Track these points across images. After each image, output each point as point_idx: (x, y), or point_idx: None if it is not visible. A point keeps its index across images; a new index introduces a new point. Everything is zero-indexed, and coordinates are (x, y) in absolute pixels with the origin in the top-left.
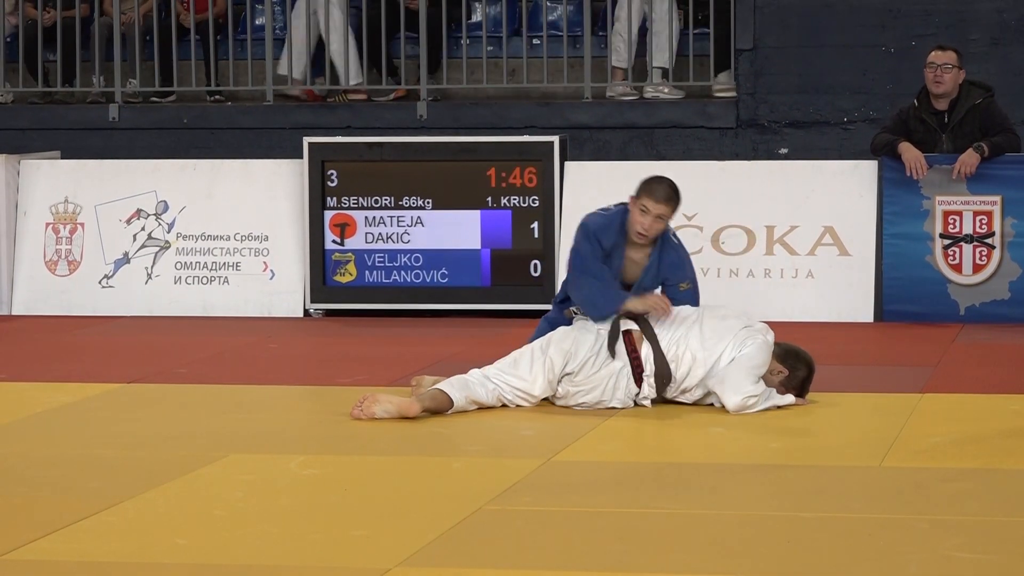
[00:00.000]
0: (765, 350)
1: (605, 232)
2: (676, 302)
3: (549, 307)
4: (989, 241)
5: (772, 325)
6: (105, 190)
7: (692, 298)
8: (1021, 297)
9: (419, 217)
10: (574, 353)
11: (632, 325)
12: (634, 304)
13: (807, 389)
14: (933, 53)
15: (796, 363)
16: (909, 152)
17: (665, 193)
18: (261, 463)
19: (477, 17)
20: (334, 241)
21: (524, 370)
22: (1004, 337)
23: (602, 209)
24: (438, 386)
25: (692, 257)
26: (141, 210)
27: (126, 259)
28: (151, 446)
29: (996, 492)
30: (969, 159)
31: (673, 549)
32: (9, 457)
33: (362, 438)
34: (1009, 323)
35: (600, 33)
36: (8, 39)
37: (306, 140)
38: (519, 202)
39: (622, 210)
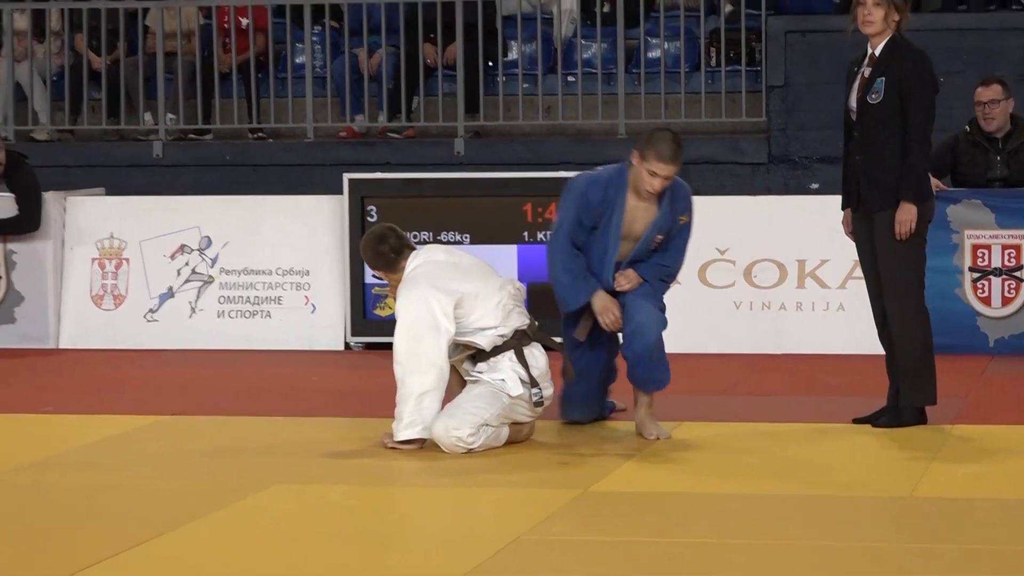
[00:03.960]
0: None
1: (595, 189)
2: (672, 239)
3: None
4: (1018, 274)
5: (804, 358)
6: (149, 226)
7: (686, 232)
8: None
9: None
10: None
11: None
12: (596, 301)
13: None
14: (979, 90)
15: None
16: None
17: (671, 152)
18: (303, 493)
19: (513, 55)
20: (374, 275)
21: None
22: None
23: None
24: None
25: (725, 291)
26: (185, 245)
27: (170, 293)
28: (195, 477)
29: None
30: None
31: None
32: (57, 487)
33: (403, 469)
34: None
35: (634, 71)
36: (54, 78)
37: (346, 176)
38: None
39: (620, 167)
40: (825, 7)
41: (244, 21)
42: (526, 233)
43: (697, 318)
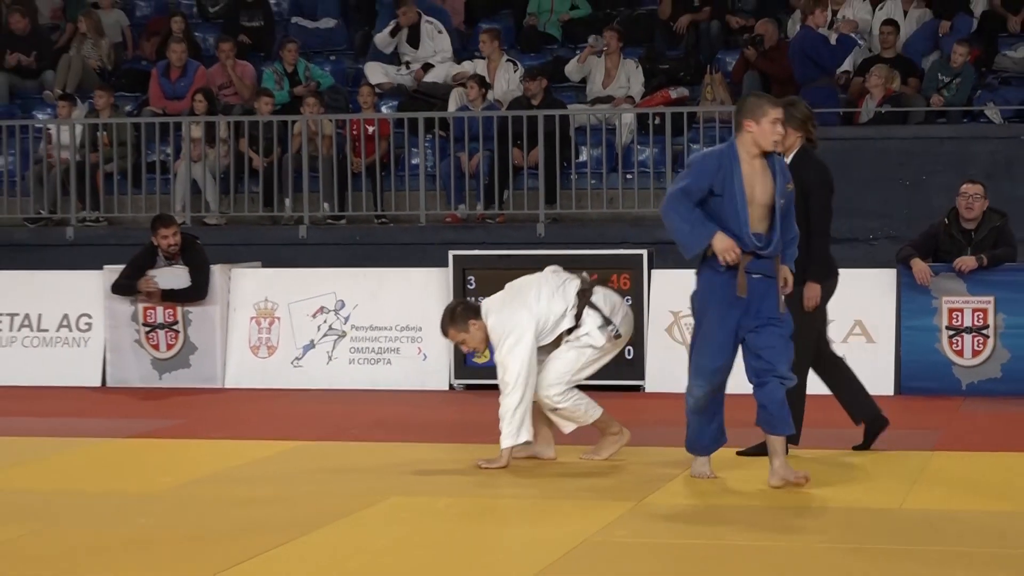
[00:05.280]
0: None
1: (710, 158)
2: (788, 207)
3: (640, 383)
4: (985, 332)
5: (815, 399)
6: (296, 292)
7: (792, 199)
8: (1010, 376)
9: None
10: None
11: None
12: (716, 241)
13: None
14: (965, 185)
15: None
16: (918, 266)
17: (772, 99)
18: (415, 504)
19: (583, 158)
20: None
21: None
22: (998, 407)
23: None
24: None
25: None
26: (324, 307)
27: (312, 345)
28: (329, 490)
29: (998, 530)
30: (968, 262)
31: (736, 572)
32: (219, 498)
33: (495, 484)
34: (1002, 396)
35: (679, 169)
36: (222, 175)
37: (451, 253)
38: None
39: (728, 143)
40: (831, 120)
41: (371, 129)
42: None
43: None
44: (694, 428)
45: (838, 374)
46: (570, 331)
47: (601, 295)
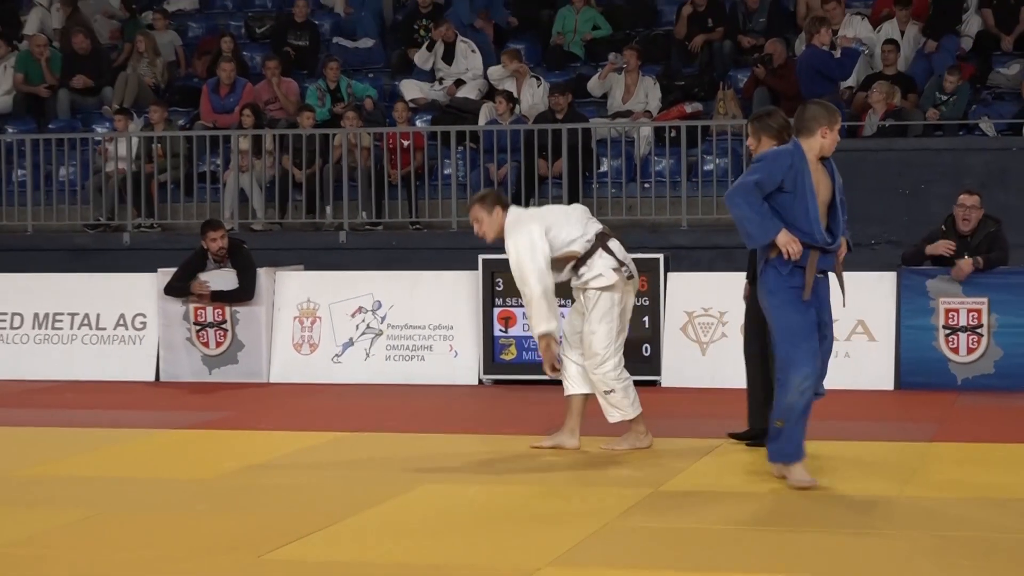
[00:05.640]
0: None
1: (783, 156)
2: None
3: (657, 378)
4: (979, 331)
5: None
6: (336, 293)
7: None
8: (1003, 372)
9: (561, 312)
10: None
11: None
12: (780, 237)
13: None
14: (962, 196)
15: None
16: (938, 246)
17: (834, 111)
18: (447, 490)
19: (604, 168)
20: (500, 330)
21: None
22: (991, 401)
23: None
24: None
25: None
26: (362, 307)
27: (351, 343)
28: (368, 477)
29: (992, 515)
30: (966, 266)
31: (751, 554)
32: (265, 484)
33: (522, 471)
34: (995, 391)
35: (693, 179)
36: (268, 184)
37: (480, 257)
38: (635, 302)
39: (794, 143)
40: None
41: (406, 143)
42: None
43: (739, 362)
44: (796, 432)
45: (762, 376)
46: (580, 273)
47: (616, 243)
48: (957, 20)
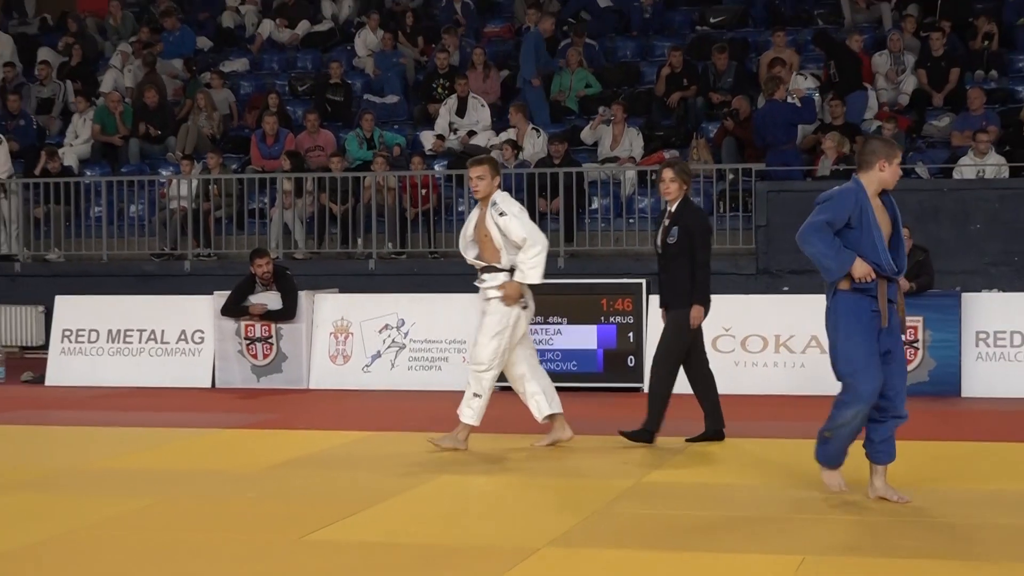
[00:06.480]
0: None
1: (847, 194)
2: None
3: (639, 385)
4: (916, 345)
5: (780, 398)
6: (366, 312)
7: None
8: (936, 380)
9: (559, 328)
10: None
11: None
12: (856, 267)
13: None
14: None
15: None
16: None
17: (893, 145)
18: (460, 482)
19: (595, 206)
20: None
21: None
22: (926, 405)
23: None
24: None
25: (728, 354)
26: (388, 324)
27: (378, 355)
28: (392, 470)
29: (930, 501)
30: (904, 285)
31: (735, 537)
32: (306, 476)
33: (523, 466)
34: (929, 396)
35: None
36: (308, 219)
37: None
38: (621, 320)
39: (855, 181)
40: (796, 175)
41: (423, 191)
42: (603, 317)
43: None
44: (841, 447)
45: (706, 387)
46: (484, 278)
47: None
48: (859, 84)
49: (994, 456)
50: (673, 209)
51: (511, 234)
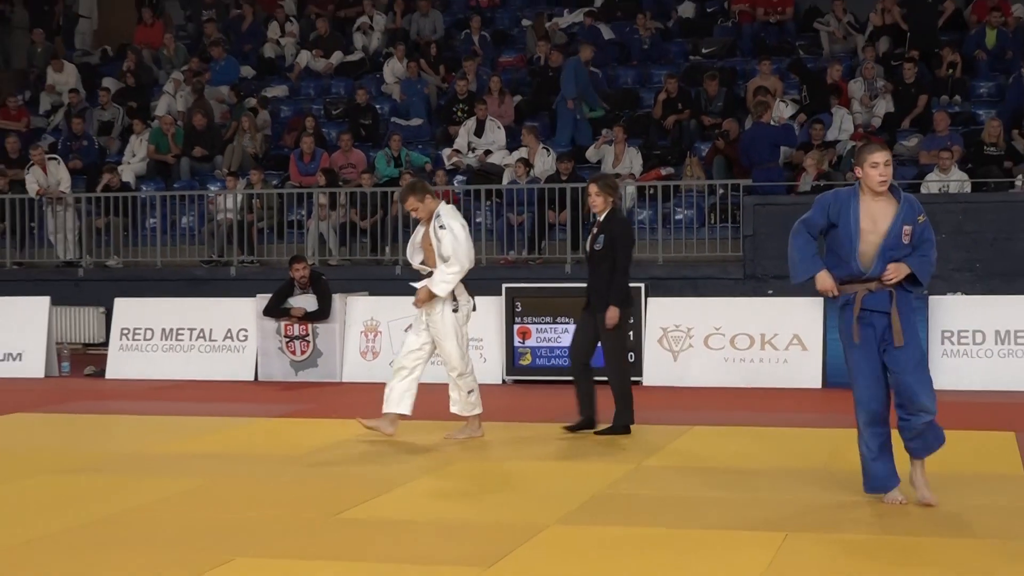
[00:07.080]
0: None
1: (830, 195)
2: (919, 236)
3: (639, 379)
4: None
5: (765, 390)
6: (393, 313)
7: (928, 230)
8: None
9: (566, 328)
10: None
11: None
12: (818, 281)
13: None
14: None
15: None
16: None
17: (879, 145)
18: (478, 465)
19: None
20: (519, 342)
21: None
22: None
23: None
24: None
25: (719, 351)
26: (413, 324)
27: None
28: (415, 455)
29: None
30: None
31: (725, 515)
32: (339, 460)
33: (530, 451)
34: None
35: (667, 227)
36: (341, 230)
37: (504, 285)
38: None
39: (854, 184)
40: (780, 191)
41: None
42: None
43: (703, 367)
44: (863, 466)
45: (586, 381)
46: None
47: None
48: (827, 106)
49: (967, 443)
50: (601, 219)
51: (441, 247)
